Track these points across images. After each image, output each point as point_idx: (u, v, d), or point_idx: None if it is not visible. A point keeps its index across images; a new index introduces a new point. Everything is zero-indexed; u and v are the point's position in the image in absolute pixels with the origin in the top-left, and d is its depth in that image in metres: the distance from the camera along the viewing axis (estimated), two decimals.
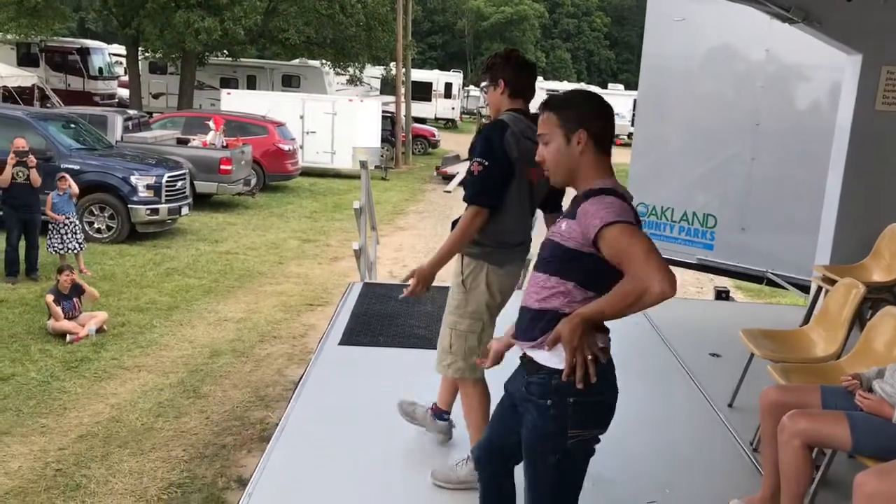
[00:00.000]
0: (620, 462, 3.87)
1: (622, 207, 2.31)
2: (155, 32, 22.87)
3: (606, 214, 2.27)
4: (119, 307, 8.72)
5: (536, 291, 2.44)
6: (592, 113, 2.44)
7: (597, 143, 2.41)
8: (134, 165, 12.14)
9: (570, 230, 2.37)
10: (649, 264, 2.20)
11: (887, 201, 5.67)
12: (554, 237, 2.44)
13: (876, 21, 5.51)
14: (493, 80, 3.34)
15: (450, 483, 3.51)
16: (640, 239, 2.26)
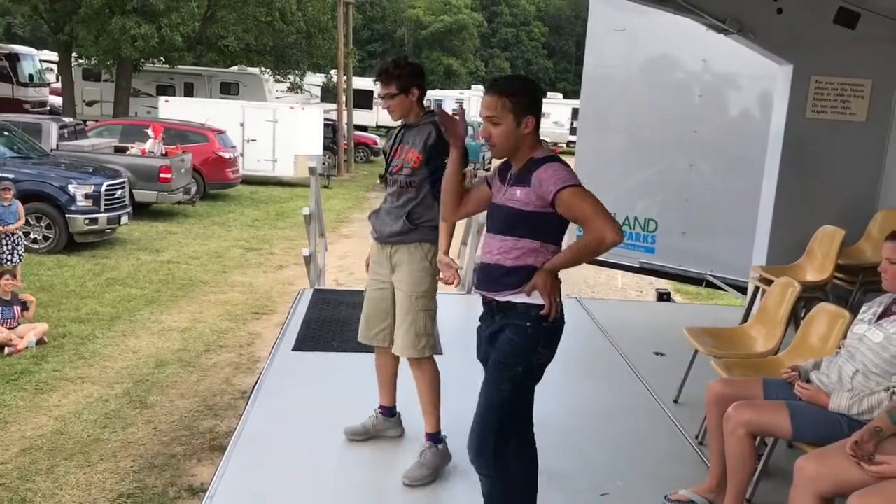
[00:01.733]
0: (573, 457, 3.99)
1: (568, 171, 2.80)
2: (89, 39, 22.33)
3: (558, 180, 2.75)
4: (59, 318, 8.53)
5: (507, 251, 2.86)
6: (539, 101, 2.90)
7: (537, 125, 2.88)
8: (71, 174, 11.87)
9: (528, 196, 2.81)
10: (601, 219, 2.72)
11: (818, 204, 5.94)
12: (511, 204, 2.85)
13: (805, 33, 5.78)
14: (403, 88, 3.64)
15: (423, 478, 3.58)
16: (589, 197, 2.76)
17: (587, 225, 2.75)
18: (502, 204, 2.89)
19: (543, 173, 2.77)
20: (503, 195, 2.90)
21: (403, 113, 3.70)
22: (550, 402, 4.27)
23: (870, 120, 5.93)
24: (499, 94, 2.82)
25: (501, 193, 2.91)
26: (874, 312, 3.29)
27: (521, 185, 2.84)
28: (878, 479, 2.66)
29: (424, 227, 3.66)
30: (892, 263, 3.16)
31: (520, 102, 2.82)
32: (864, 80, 5.89)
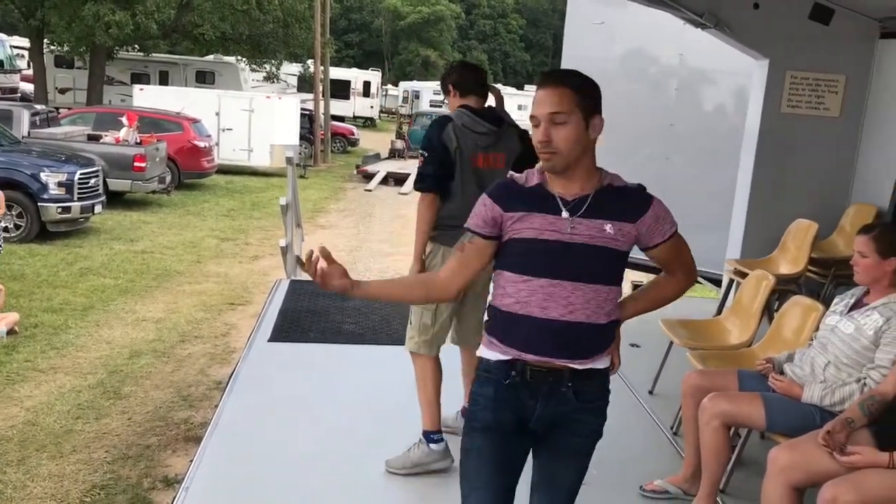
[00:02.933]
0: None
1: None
2: (62, 25, 21.98)
3: (672, 219, 2.36)
4: (31, 308, 8.41)
5: (599, 306, 2.26)
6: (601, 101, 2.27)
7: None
8: (44, 162, 11.69)
9: (624, 232, 2.25)
10: (693, 264, 2.47)
11: (792, 198, 6.01)
12: (604, 242, 2.23)
13: (781, 28, 5.84)
14: (444, 90, 3.70)
15: (404, 468, 3.59)
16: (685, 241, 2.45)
17: (686, 270, 2.44)
18: (582, 243, 2.22)
19: (660, 209, 2.31)
20: (574, 230, 2.22)
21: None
22: None
23: (843, 115, 6.00)
24: (562, 84, 2.20)
25: (568, 228, 2.21)
26: (846, 304, 3.34)
27: (612, 219, 2.24)
28: (850, 469, 2.71)
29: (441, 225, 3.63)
30: (864, 257, 3.21)
31: (589, 96, 2.22)
32: (838, 76, 5.96)
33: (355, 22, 63.84)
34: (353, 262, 12.05)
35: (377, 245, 13.72)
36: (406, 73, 57.68)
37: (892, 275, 3.17)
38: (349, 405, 4.33)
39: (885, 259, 3.15)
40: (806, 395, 3.19)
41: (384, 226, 15.73)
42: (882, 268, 3.16)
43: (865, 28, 5.86)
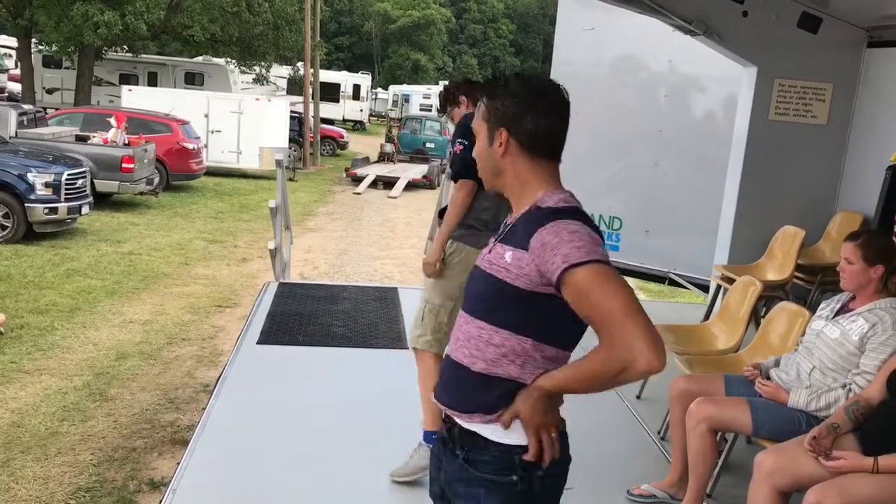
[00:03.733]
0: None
1: (591, 238, 1.77)
2: (50, 24, 21.87)
3: (572, 251, 1.73)
4: (17, 309, 8.36)
5: (478, 348, 1.89)
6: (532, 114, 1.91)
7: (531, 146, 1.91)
8: (31, 162, 11.62)
9: (521, 264, 1.82)
10: (629, 327, 1.68)
11: (780, 205, 6.05)
12: (494, 270, 1.87)
13: (770, 36, 5.88)
14: (452, 102, 3.78)
15: (409, 475, 3.57)
16: (616, 288, 1.71)
17: (606, 331, 1.73)
18: (482, 268, 1.93)
19: (550, 235, 1.78)
20: (488, 253, 1.95)
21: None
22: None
23: (830, 123, 6.05)
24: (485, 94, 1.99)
25: (487, 250, 1.97)
26: (832, 309, 3.37)
27: (514, 246, 1.86)
28: (835, 473, 2.73)
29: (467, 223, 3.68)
30: (850, 263, 3.24)
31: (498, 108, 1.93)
32: (826, 84, 6.00)
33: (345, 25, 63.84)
34: (342, 266, 12.04)
35: (366, 248, 13.70)
36: (396, 77, 57.69)
37: (878, 281, 3.20)
38: (338, 408, 4.32)
39: (872, 266, 3.18)
40: (792, 400, 3.21)
41: (373, 229, 15.72)
42: (868, 274, 3.19)
43: (853, 37, 5.91)
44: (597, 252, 1.74)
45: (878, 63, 5.85)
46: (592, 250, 1.74)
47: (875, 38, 5.87)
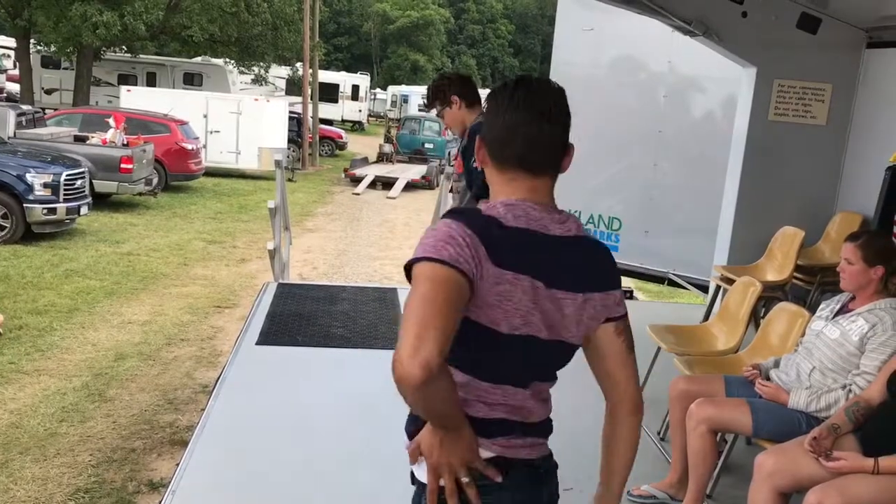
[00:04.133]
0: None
1: (444, 237, 1.54)
2: (48, 25, 21.86)
3: (416, 249, 1.57)
4: (15, 310, 8.35)
5: None
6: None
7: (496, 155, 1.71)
8: (30, 163, 11.61)
9: None
10: (401, 333, 1.44)
11: (779, 205, 6.05)
12: None
13: (769, 37, 5.88)
14: (443, 102, 3.67)
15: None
16: (418, 290, 1.49)
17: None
18: None
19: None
20: None
21: (458, 124, 3.69)
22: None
23: (829, 123, 6.05)
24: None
25: None
26: (832, 309, 3.37)
27: None
28: (835, 474, 2.73)
29: None
30: (850, 264, 3.23)
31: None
32: (825, 84, 6.00)
33: (344, 25, 63.83)
34: (341, 266, 12.03)
35: (364, 249, 13.70)
36: (395, 78, 57.68)
37: (878, 282, 3.20)
38: (337, 409, 4.31)
39: (872, 267, 3.18)
40: (792, 400, 3.21)
41: (371, 230, 15.72)
42: (868, 275, 3.19)
43: (852, 37, 5.91)
44: (433, 250, 1.51)
45: (878, 64, 5.85)
46: (430, 248, 1.52)
47: (874, 38, 5.87)
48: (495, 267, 1.55)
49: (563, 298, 1.64)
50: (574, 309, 1.66)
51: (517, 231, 1.61)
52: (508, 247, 1.58)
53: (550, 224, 1.65)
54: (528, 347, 1.62)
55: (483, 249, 1.54)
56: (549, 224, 1.65)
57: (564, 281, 1.64)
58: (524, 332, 1.61)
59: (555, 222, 1.66)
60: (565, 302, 1.65)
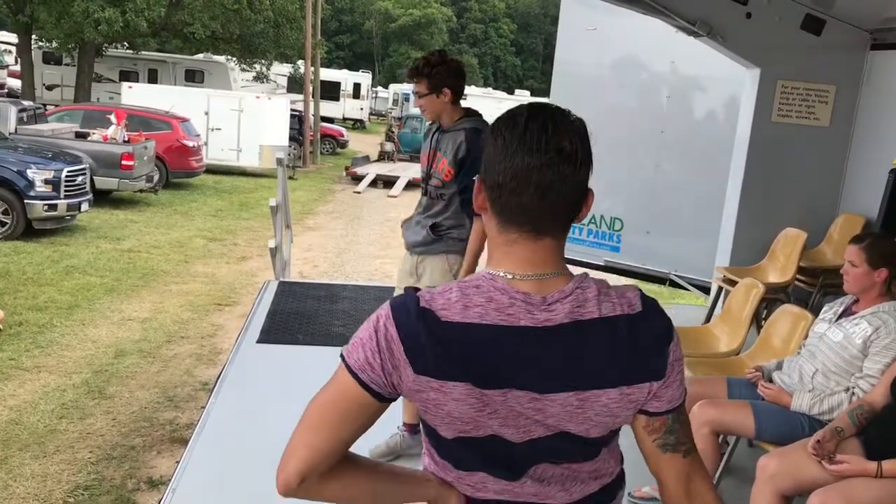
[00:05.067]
0: None
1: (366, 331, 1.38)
2: (50, 21, 21.85)
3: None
4: (15, 306, 8.34)
5: None
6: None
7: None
8: (31, 159, 11.60)
9: None
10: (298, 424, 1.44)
11: (782, 207, 6.04)
12: None
13: (773, 38, 5.87)
14: (434, 87, 3.37)
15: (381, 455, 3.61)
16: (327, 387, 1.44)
17: None
18: None
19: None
20: None
21: (435, 114, 3.48)
22: None
23: (833, 125, 6.04)
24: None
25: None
26: (835, 312, 3.36)
27: None
28: (838, 477, 2.72)
29: (450, 238, 3.53)
30: (854, 266, 3.22)
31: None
32: (829, 86, 5.99)
33: (346, 23, 63.85)
34: (342, 265, 12.02)
35: (365, 247, 13.69)
36: (396, 76, 57.70)
37: (882, 285, 3.19)
38: None
39: (875, 269, 3.17)
40: (795, 403, 3.20)
41: (372, 228, 15.70)
42: (872, 278, 3.18)
43: (856, 39, 5.90)
44: (351, 348, 1.38)
45: (882, 65, 5.84)
46: (351, 345, 1.39)
47: (878, 40, 5.86)
48: (416, 374, 1.32)
49: (540, 399, 1.33)
50: (562, 408, 1.35)
51: (461, 328, 1.31)
52: (440, 350, 1.31)
53: (523, 313, 1.33)
54: (497, 447, 1.37)
55: (402, 355, 1.32)
56: (521, 313, 1.32)
57: (533, 380, 1.32)
58: (480, 435, 1.35)
59: (536, 308, 1.33)
60: (545, 402, 1.34)
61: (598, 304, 1.36)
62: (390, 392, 1.36)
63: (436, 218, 3.52)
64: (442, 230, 3.52)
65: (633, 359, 1.38)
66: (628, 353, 1.37)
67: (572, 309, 1.35)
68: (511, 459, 1.39)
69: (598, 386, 1.36)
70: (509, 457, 1.38)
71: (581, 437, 1.39)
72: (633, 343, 1.37)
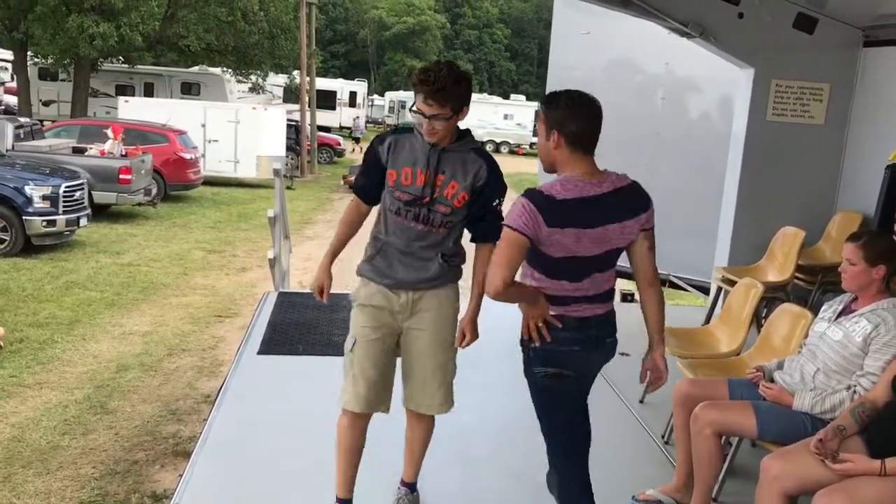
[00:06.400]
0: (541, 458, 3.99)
1: (517, 210, 2.60)
2: (45, 37, 21.87)
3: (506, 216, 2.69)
4: (16, 322, 8.34)
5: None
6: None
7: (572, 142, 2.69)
8: (29, 175, 11.62)
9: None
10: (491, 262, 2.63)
11: (779, 205, 6.04)
12: None
13: (766, 37, 5.88)
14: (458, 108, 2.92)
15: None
16: (501, 241, 2.62)
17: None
18: None
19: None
20: None
21: (449, 137, 3.00)
22: (517, 403, 4.28)
23: (828, 123, 6.05)
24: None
25: None
26: (834, 311, 3.36)
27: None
28: (842, 476, 2.71)
29: (454, 266, 3.17)
30: (852, 264, 3.22)
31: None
32: (823, 84, 6.01)
33: (341, 33, 63.92)
34: (341, 274, 11.99)
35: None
36: (392, 84, 57.76)
37: (880, 282, 3.18)
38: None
39: (874, 266, 3.16)
40: (797, 403, 3.19)
41: None
42: (870, 275, 3.18)
43: (849, 37, 5.91)
44: (510, 219, 2.60)
45: (875, 62, 5.85)
46: (508, 218, 2.62)
47: (871, 37, 5.87)
48: (548, 227, 2.59)
49: (607, 229, 2.68)
50: (616, 232, 2.72)
51: (566, 202, 2.61)
52: (558, 214, 2.59)
53: (590, 188, 2.65)
54: (574, 262, 2.70)
55: (540, 217, 2.58)
56: (589, 188, 2.65)
57: (605, 219, 2.67)
58: (569, 254, 2.67)
59: (593, 186, 2.66)
60: (608, 229, 2.69)
61: (617, 181, 2.73)
62: (533, 237, 2.59)
63: (440, 248, 3.09)
64: (452, 260, 3.14)
65: (634, 203, 2.76)
66: (631, 202, 2.75)
67: (613, 181, 2.72)
68: (580, 269, 2.72)
69: (628, 217, 2.73)
70: (580, 267, 2.72)
71: (618, 249, 2.78)
72: (632, 197, 2.76)
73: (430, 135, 2.95)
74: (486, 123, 40.29)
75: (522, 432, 4.05)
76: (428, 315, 3.15)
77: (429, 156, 3.00)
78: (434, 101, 2.86)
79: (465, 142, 3.06)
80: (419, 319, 3.15)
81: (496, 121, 41.19)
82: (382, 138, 3.18)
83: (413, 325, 3.17)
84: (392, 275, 3.15)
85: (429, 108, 2.88)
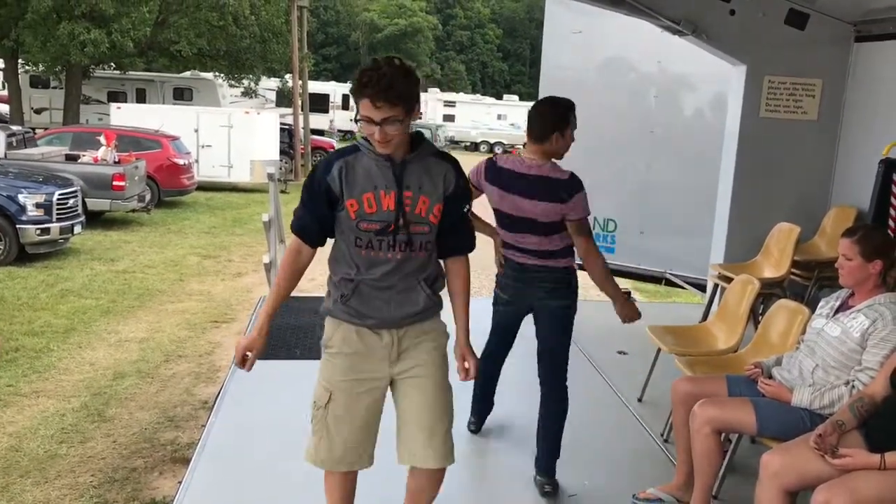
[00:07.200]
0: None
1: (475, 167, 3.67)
2: (36, 45, 21.80)
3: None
4: (11, 332, 8.30)
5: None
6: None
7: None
8: (21, 183, 11.58)
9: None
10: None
11: (774, 202, 6.06)
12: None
13: (758, 34, 5.90)
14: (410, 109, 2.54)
15: None
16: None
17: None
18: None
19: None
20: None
21: (404, 146, 2.62)
22: (515, 402, 4.28)
23: (821, 118, 6.06)
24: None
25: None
26: (831, 307, 3.36)
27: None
28: (842, 471, 2.71)
29: (440, 289, 2.81)
30: (848, 260, 3.22)
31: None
32: (815, 80, 6.02)
33: (332, 35, 63.88)
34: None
35: None
36: None
37: (877, 277, 3.19)
38: None
39: (870, 261, 3.17)
40: (795, 398, 3.19)
41: None
42: (866, 270, 3.18)
43: (840, 32, 5.93)
44: (469, 174, 3.34)
45: (867, 57, 5.87)
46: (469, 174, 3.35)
47: (862, 32, 5.89)
48: (485, 181, 3.61)
49: (521, 199, 3.49)
50: (530, 205, 3.48)
51: (502, 169, 3.58)
52: (494, 174, 3.58)
53: (522, 167, 3.52)
54: (504, 216, 3.63)
55: (483, 172, 3.62)
56: (521, 166, 3.52)
57: (520, 191, 3.49)
58: (497, 207, 3.63)
59: (525, 166, 3.52)
60: (523, 201, 3.49)
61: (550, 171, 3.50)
62: (477, 184, 3.60)
63: (421, 273, 2.73)
64: (438, 287, 2.80)
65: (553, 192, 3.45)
66: (550, 190, 3.46)
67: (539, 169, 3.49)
68: (512, 223, 3.59)
69: (542, 199, 3.46)
70: (511, 222, 3.59)
71: (537, 221, 3.51)
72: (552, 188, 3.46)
73: (383, 145, 2.54)
74: (479, 124, 40.32)
75: (523, 432, 4.05)
76: (420, 356, 2.77)
77: (390, 172, 2.60)
78: (384, 101, 2.46)
79: (423, 148, 2.67)
80: (411, 361, 2.76)
81: (490, 121, 41.25)
82: (328, 164, 2.65)
83: (405, 369, 2.77)
84: (374, 314, 2.73)
85: (378, 111, 2.48)
